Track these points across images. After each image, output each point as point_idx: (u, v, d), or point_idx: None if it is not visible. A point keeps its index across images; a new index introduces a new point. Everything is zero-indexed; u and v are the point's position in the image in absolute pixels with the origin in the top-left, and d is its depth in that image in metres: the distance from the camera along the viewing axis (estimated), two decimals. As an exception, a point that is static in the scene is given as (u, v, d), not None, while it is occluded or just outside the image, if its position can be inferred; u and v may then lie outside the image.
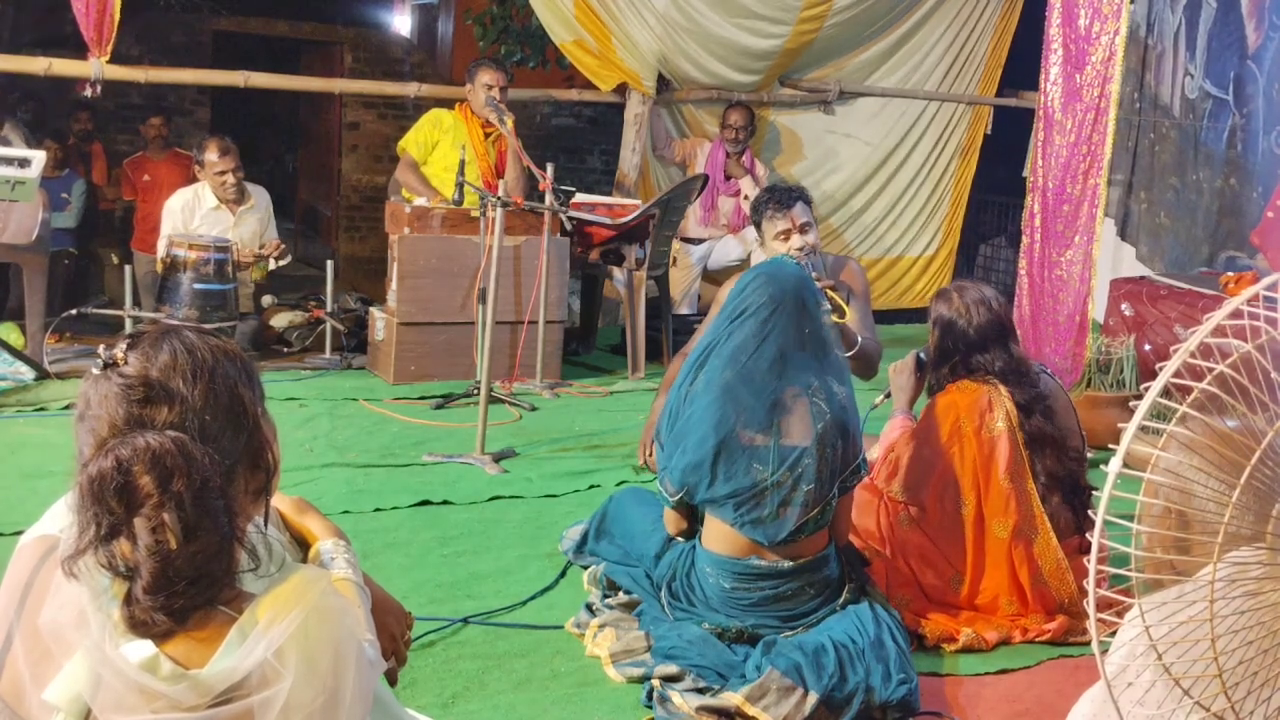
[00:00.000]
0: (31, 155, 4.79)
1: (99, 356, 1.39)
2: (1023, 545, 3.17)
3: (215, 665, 1.27)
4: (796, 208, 4.11)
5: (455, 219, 5.43)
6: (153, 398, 1.34)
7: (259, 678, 1.27)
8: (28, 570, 1.39)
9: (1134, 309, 5.34)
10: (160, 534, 1.27)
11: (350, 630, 1.36)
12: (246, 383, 1.44)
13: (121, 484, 1.27)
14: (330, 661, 1.31)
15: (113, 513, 1.27)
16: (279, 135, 12.79)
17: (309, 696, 1.29)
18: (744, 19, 6.85)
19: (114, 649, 1.27)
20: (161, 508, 1.27)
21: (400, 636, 1.78)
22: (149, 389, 1.35)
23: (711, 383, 2.91)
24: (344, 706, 1.32)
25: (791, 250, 4.04)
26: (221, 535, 1.32)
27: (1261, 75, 6.18)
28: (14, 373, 5.04)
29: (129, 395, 1.34)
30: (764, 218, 4.16)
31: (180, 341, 1.40)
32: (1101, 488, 1.55)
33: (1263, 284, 1.57)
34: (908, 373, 3.63)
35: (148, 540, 1.26)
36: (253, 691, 1.27)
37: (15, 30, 8.16)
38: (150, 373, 1.36)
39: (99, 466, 1.27)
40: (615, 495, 3.51)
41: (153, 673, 1.26)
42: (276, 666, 1.27)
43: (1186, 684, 1.54)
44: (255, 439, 1.43)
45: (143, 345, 1.39)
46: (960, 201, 8.32)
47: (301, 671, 1.28)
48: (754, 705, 2.54)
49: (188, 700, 1.26)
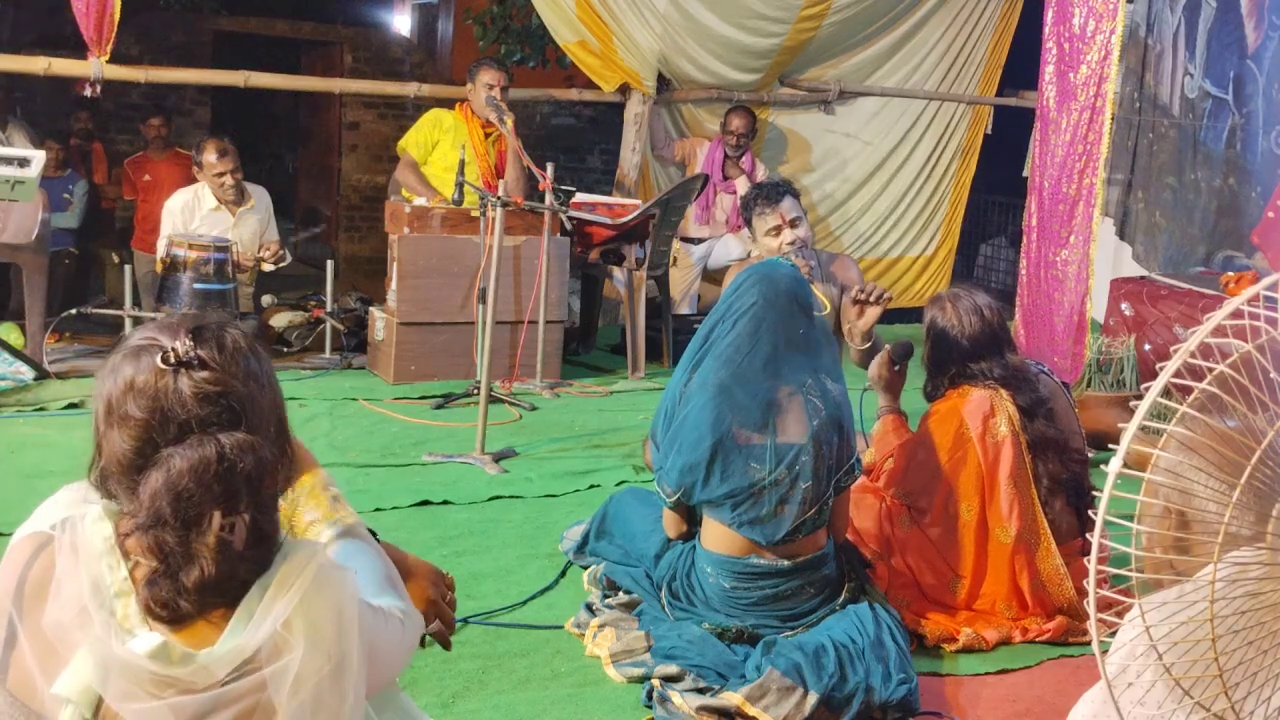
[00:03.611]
0: (31, 155, 4.79)
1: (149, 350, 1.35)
2: (1024, 552, 3.16)
3: (224, 644, 1.29)
4: (785, 202, 4.13)
5: (455, 219, 5.43)
6: (233, 402, 1.35)
7: (270, 650, 1.30)
8: (20, 567, 1.39)
9: (1134, 309, 5.34)
10: (231, 533, 1.28)
11: (351, 595, 1.38)
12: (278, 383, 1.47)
13: (223, 473, 1.28)
14: (334, 628, 1.34)
15: (200, 502, 1.28)
16: (279, 135, 12.80)
17: (318, 664, 1.31)
18: (744, 18, 6.85)
19: (120, 644, 1.28)
20: (246, 508, 1.29)
21: (443, 598, 1.76)
22: (231, 393, 1.34)
23: (706, 383, 2.91)
24: (351, 672, 1.34)
25: (784, 245, 4.07)
26: (275, 541, 1.35)
27: (1261, 75, 6.19)
28: (14, 373, 5.04)
29: (211, 398, 1.34)
30: (754, 215, 4.18)
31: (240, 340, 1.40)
32: (1102, 488, 1.55)
33: (1263, 284, 1.57)
34: (880, 369, 3.61)
35: (218, 537, 1.28)
36: (264, 664, 1.29)
37: (15, 30, 8.17)
38: (231, 373, 1.36)
39: (199, 454, 1.28)
40: (615, 495, 3.51)
41: (163, 660, 1.27)
42: (286, 636, 1.30)
43: (1187, 684, 1.54)
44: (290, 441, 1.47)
45: (209, 343, 1.37)
46: (960, 202, 8.33)
47: (309, 640, 1.31)
48: (754, 705, 2.54)
49: (201, 681, 1.28)
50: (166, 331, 1.39)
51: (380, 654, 1.44)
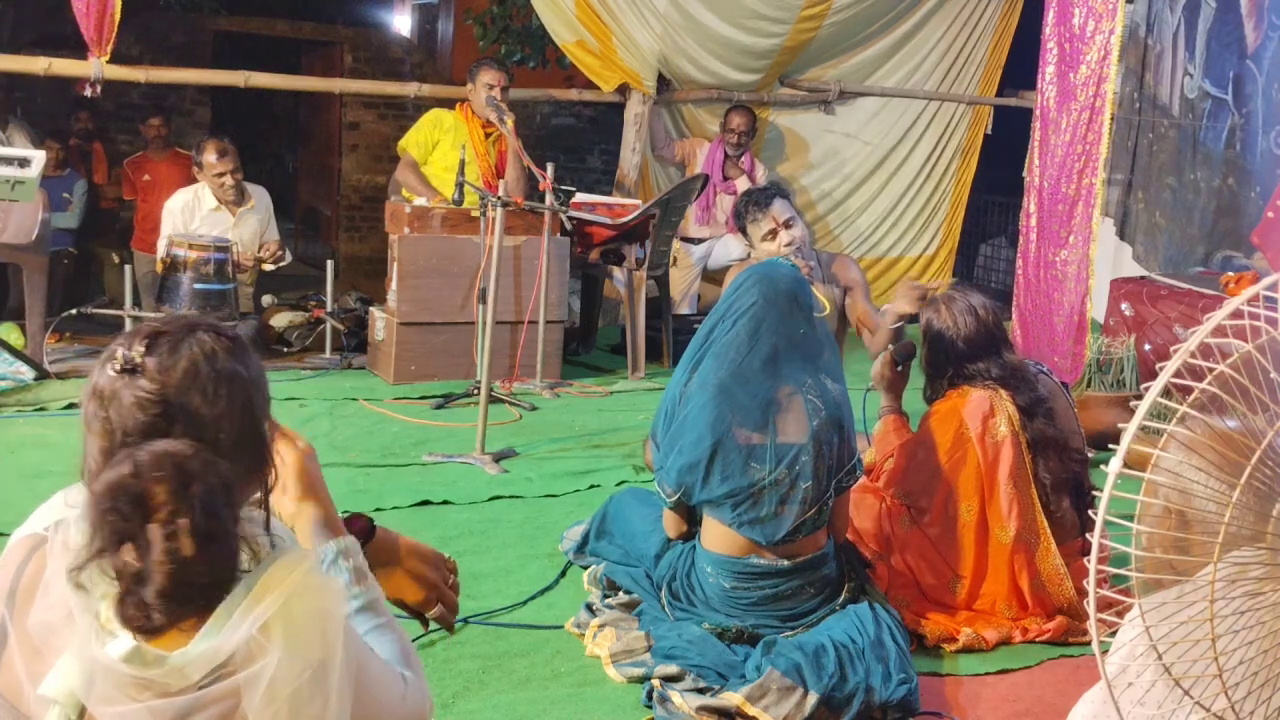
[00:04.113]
0: (31, 155, 4.79)
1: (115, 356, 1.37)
2: (1024, 552, 3.16)
3: (197, 645, 1.27)
4: (775, 205, 4.15)
5: (455, 219, 5.43)
6: (171, 411, 1.34)
7: (244, 655, 1.27)
8: (14, 568, 1.40)
9: (1134, 309, 5.34)
10: (175, 541, 1.27)
11: (336, 602, 1.36)
12: (257, 387, 1.44)
13: (138, 491, 1.27)
14: (317, 633, 1.31)
15: (128, 520, 1.27)
16: (279, 135, 12.80)
17: (295, 670, 1.29)
18: (744, 18, 6.85)
19: (100, 648, 1.27)
20: (177, 515, 1.27)
21: (445, 581, 1.74)
22: (167, 401, 1.34)
23: (706, 382, 2.91)
24: (332, 681, 1.32)
25: (781, 247, 4.09)
26: (232, 541, 1.32)
27: (1260, 75, 6.19)
28: (14, 373, 5.04)
29: (146, 406, 1.33)
30: (748, 222, 4.22)
31: (199, 346, 1.39)
32: (1102, 488, 1.55)
33: (1263, 284, 1.57)
34: (882, 369, 3.62)
35: (162, 547, 1.27)
36: (238, 669, 1.27)
37: (15, 30, 8.17)
38: (169, 383, 1.35)
39: (116, 473, 1.27)
40: (615, 495, 3.51)
41: (137, 662, 1.26)
42: (261, 641, 1.27)
43: (1187, 684, 1.54)
44: (263, 445, 1.44)
45: (161, 349, 1.37)
46: (960, 202, 8.33)
47: (287, 645, 1.28)
48: (754, 705, 2.54)
49: (175, 683, 1.26)
50: (133, 336, 1.39)
51: (370, 694, 1.41)
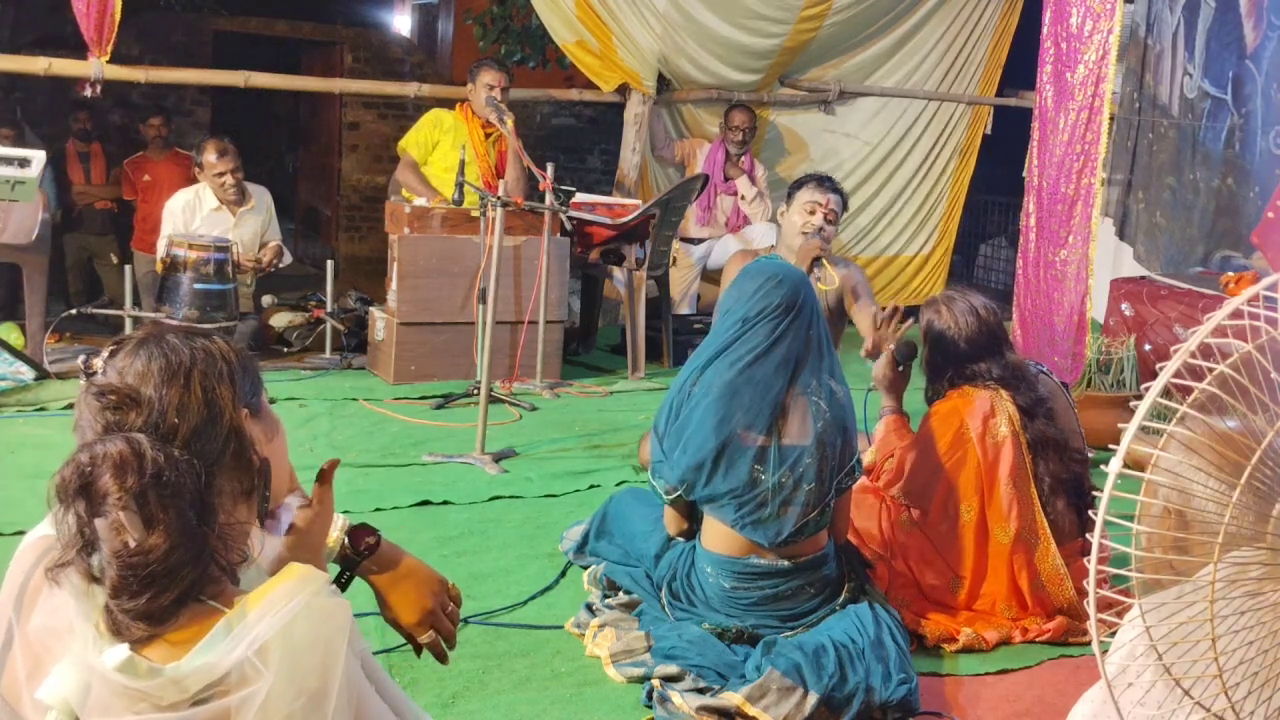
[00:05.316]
0: (32, 155, 4.79)
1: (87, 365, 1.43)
2: (1023, 551, 3.16)
3: (193, 660, 1.25)
4: (834, 197, 4.41)
5: (455, 219, 5.43)
6: (123, 405, 1.35)
7: (238, 676, 1.24)
8: (24, 570, 1.39)
9: (1134, 309, 5.34)
10: (120, 533, 1.26)
11: (340, 629, 1.32)
12: (230, 382, 1.42)
13: (79, 486, 1.28)
14: (317, 661, 1.28)
15: (79, 517, 1.28)
16: (279, 135, 12.80)
17: (290, 696, 1.25)
18: (744, 18, 6.85)
19: (96, 655, 1.26)
20: (117, 506, 1.27)
21: (444, 608, 1.73)
22: (118, 397, 1.36)
23: (715, 383, 2.91)
24: (328, 709, 1.28)
25: (809, 224, 4.34)
26: (188, 533, 1.29)
27: (1260, 75, 6.18)
28: (14, 373, 5.04)
29: (101, 405, 1.35)
30: (803, 187, 4.43)
31: (159, 346, 1.40)
32: (1102, 488, 1.55)
33: (1263, 284, 1.57)
34: (884, 369, 3.63)
35: (111, 542, 1.27)
36: (231, 690, 1.24)
37: (15, 30, 8.17)
38: (122, 381, 1.37)
39: (61, 474, 1.29)
40: (615, 495, 3.51)
41: (130, 673, 1.25)
42: (257, 664, 1.25)
43: (1187, 684, 1.54)
44: (237, 439, 1.41)
45: (121, 354, 1.41)
46: (958, 201, 8.34)
47: (284, 669, 1.25)
48: (754, 705, 2.54)
49: (168, 696, 1.24)
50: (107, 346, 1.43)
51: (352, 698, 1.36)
